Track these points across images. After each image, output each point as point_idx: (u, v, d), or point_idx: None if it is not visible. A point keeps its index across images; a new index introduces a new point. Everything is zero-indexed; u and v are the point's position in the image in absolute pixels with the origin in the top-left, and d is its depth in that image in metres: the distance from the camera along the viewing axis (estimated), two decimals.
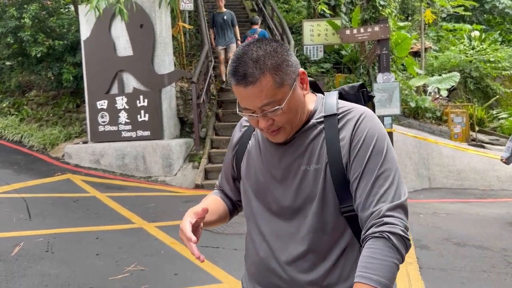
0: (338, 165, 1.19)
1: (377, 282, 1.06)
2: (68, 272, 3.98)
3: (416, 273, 4.21)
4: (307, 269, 1.23)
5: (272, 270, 1.27)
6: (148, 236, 5.03)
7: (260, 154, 1.32)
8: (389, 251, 1.10)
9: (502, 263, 4.49)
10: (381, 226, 1.12)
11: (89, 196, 6.55)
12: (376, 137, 1.19)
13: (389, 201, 1.14)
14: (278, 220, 1.27)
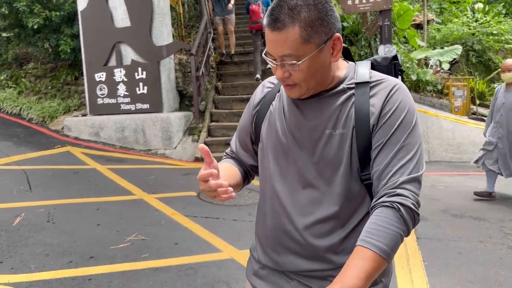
0: (365, 131, 1.18)
1: (378, 248, 1.06)
2: (69, 241, 4.03)
3: (414, 244, 4.27)
4: (324, 234, 1.22)
5: (288, 233, 1.25)
6: (149, 207, 5.07)
7: (283, 115, 1.29)
8: (396, 221, 1.09)
9: (498, 234, 4.54)
10: (393, 197, 1.11)
11: (89, 168, 6.57)
12: (406, 110, 1.18)
13: (406, 174, 1.13)
14: (297, 183, 1.25)
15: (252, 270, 1.40)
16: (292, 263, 1.26)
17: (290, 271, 1.28)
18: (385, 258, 1.06)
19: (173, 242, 4.12)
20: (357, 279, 1.03)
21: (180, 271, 3.57)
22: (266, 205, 1.33)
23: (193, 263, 3.72)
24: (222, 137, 8.16)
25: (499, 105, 5.62)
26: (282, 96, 1.33)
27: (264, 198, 1.34)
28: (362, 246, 1.07)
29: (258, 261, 1.37)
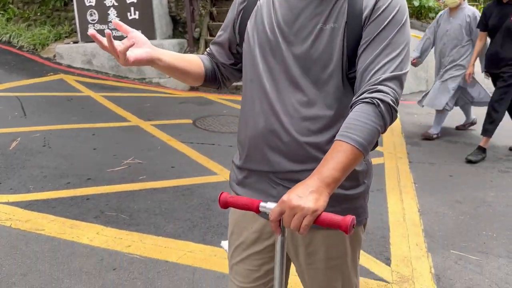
0: (356, 26, 1.16)
1: (355, 141, 1.06)
2: (66, 164, 4.07)
3: (406, 167, 4.34)
4: (311, 133, 1.21)
5: (275, 132, 1.23)
6: (145, 133, 5.09)
7: (273, 10, 1.24)
8: (375, 117, 1.10)
9: (491, 158, 4.62)
10: (373, 93, 1.11)
11: (83, 95, 6.50)
12: (398, 7, 1.16)
13: (389, 71, 1.12)
14: (286, 82, 1.22)
15: (236, 180, 1.39)
16: (278, 164, 1.25)
17: (276, 174, 1.27)
18: (361, 151, 1.07)
19: (170, 166, 4.18)
20: (334, 170, 1.04)
21: (177, 191, 3.65)
22: (252, 106, 1.29)
23: (189, 184, 3.79)
24: None
25: (441, 33, 5.05)
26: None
27: (250, 99, 1.30)
28: (340, 140, 1.07)
29: (241, 168, 1.36)
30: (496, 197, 3.71)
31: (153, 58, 1.19)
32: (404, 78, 1.16)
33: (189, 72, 1.33)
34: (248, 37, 1.29)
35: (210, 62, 1.42)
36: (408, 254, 2.83)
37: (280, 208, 1.03)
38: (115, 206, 3.34)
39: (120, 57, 1.14)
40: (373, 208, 3.45)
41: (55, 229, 2.98)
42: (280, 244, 1.14)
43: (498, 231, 3.15)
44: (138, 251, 2.77)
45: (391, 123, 1.14)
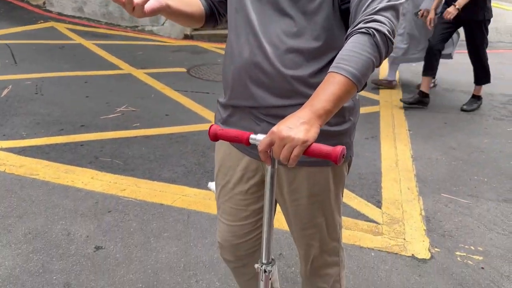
0: None
1: (348, 72, 1.03)
2: (59, 111, 4.03)
3: (401, 115, 4.33)
4: (296, 65, 1.18)
5: (257, 64, 1.20)
6: (138, 81, 5.01)
7: None
8: (370, 48, 1.05)
9: (486, 106, 4.60)
10: (369, 23, 1.07)
11: (75, 43, 6.35)
12: None
13: (385, 0, 1.08)
14: (272, 13, 1.18)
15: (221, 119, 1.37)
16: (262, 98, 1.22)
17: (259, 109, 1.25)
18: (355, 83, 1.04)
19: (164, 114, 4.15)
20: (326, 101, 1.01)
21: (171, 139, 3.64)
22: (237, 37, 1.25)
23: (184, 132, 3.78)
24: None
25: None
26: None
27: (234, 31, 1.26)
28: (333, 72, 1.04)
29: (225, 106, 1.34)
30: (489, 143, 3.73)
31: (163, 6, 1.17)
32: (400, 7, 1.12)
33: (193, 15, 1.32)
34: None
35: (206, 0, 1.39)
36: (399, 198, 2.87)
37: (270, 138, 1.01)
38: (109, 152, 3.34)
39: (136, 10, 1.11)
40: (367, 155, 3.47)
41: (50, 174, 2.99)
42: (270, 175, 1.13)
43: (489, 176, 3.19)
44: (133, 195, 2.80)
45: (387, 54, 1.10)
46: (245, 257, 1.52)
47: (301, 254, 1.49)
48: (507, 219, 2.67)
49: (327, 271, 1.49)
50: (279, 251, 2.34)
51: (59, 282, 2.05)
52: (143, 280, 2.08)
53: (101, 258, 2.23)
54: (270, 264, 1.21)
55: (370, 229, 2.54)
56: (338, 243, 1.46)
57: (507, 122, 4.19)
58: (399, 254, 2.34)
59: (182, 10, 1.27)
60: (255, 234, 1.47)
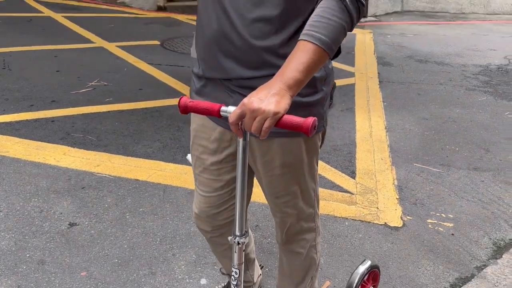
0: None
1: (318, 40, 1.02)
2: (28, 87, 3.91)
3: (376, 86, 4.36)
4: (264, 35, 1.15)
5: (228, 36, 1.18)
6: (110, 55, 4.89)
7: None
8: (340, 12, 1.04)
9: (459, 77, 4.67)
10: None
11: (44, 16, 6.12)
12: None
13: None
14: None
15: (195, 89, 1.35)
16: (233, 70, 1.21)
17: (231, 81, 1.23)
18: (325, 50, 1.02)
19: (137, 88, 4.07)
20: (297, 71, 1.00)
21: (145, 113, 3.59)
22: (205, 10, 1.22)
23: (158, 106, 3.73)
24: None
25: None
26: None
27: (203, 3, 1.23)
28: (303, 40, 1.03)
29: (199, 76, 1.32)
30: (461, 113, 3.80)
31: None
32: None
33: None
34: None
35: None
36: (372, 168, 2.92)
37: (240, 110, 1.00)
38: (81, 128, 3.27)
39: None
40: (341, 126, 3.50)
41: (20, 151, 2.92)
42: (241, 148, 1.12)
43: (460, 145, 3.27)
44: (107, 171, 2.76)
45: (358, 19, 1.08)
46: (222, 227, 1.52)
47: (277, 222, 1.50)
48: (476, 187, 2.75)
49: (303, 237, 1.51)
50: (256, 223, 2.37)
51: (33, 260, 2.03)
52: (119, 256, 2.08)
53: (76, 235, 2.21)
54: (244, 236, 1.21)
55: (344, 199, 2.58)
56: (313, 209, 1.48)
57: (479, 92, 4.27)
58: (372, 223, 2.39)
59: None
60: (231, 204, 1.47)
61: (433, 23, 7.56)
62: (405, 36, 6.36)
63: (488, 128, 3.54)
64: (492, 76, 4.69)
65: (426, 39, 6.18)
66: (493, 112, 3.82)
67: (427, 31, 6.83)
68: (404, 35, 6.42)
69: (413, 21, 7.65)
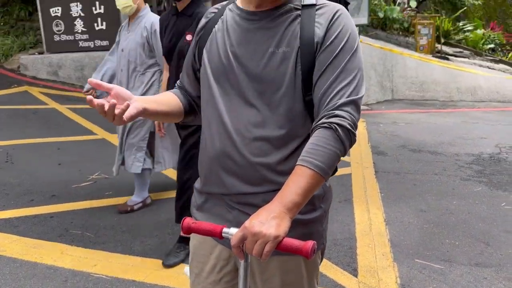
0: (309, 51, 1.19)
1: (315, 165, 1.09)
2: (29, 180, 3.96)
3: (372, 177, 4.43)
4: (264, 153, 1.23)
5: (229, 154, 1.25)
6: (111, 146, 5.00)
7: (226, 36, 1.28)
8: (334, 141, 1.12)
9: (453, 167, 4.77)
10: (331, 118, 1.14)
11: (49, 108, 6.35)
12: (349, 34, 1.20)
13: (345, 96, 1.16)
14: (240, 104, 1.24)
15: (196, 205, 1.40)
16: (233, 186, 1.26)
17: (231, 197, 1.28)
18: (321, 175, 1.09)
19: None
20: (295, 195, 1.06)
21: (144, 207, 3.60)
22: (208, 128, 1.31)
23: (157, 199, 3.75)
24: None
25: (119, 53, 3.36)
26: (225, 19, 1.31)
27: (207, 121, 1.32)
28: (301, 165, 1.10)
29: (200, 192, 1.37)
30: (458, 205, 3.83)
31: (140, 111, 1.19)
32: (360, 101, 1.20)
33: (171, 112, 1.35)
34: (204, 62, 1.31)
35: (185, 96, 1.43)
36: (374, 265, 2.88)
37: (242, 233, 1.04)
38: (80, 224, 3.27)
39: (116, 119, 1.13)
40: (341, 219, 3.50)
41: (17, 250, 2.89)
42: (243, 269, 1.14)
43: (460, 239, 3.25)
44: (104, 271, 2.71)
45: (350, 146, 1.17)
46: None
47: None
48: (480, 284, 2.70)
49: None
50: None
51: None
52: None
53: None
54: None
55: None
56: None
57: (474, 182, 4.34)
58: None
59: (160, 110, 1.30)
60: None
61: (424, 111, 7.86)
62: (397, 125, 6.58)
63: (486, 220, 3.55)
64: (485, 166, 4.79)
65: (418, 128, 6.39)
66: (490, 203, 3.86)
67: (418, 119, 7.09)
68: (396, 124, 6.65)
69: (404, 109, 7.96)
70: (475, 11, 14.11)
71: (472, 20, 13.10)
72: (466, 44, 11.54)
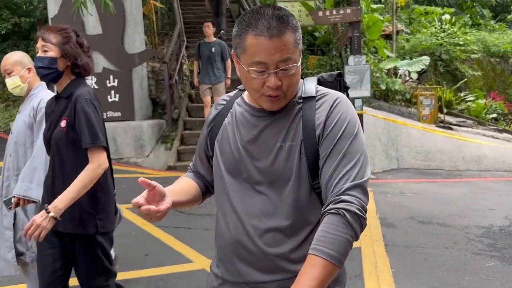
0: (312, 143, 1.25)
1: (327, 255, 1.11)
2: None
3: (382, 250, 4.36)
4: (276, 242, 1.26)
5: (243, 244, 1.28)
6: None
7: (236, 130, 1.35)
8: (343, 227, 1.15)
9: (463, 240, 4.69)
10: (338, 204, 1.17)
11: None
12: (348, 121, 1.26)
13: (350, 180, 1.19)
14: (251, 194, 1.30)
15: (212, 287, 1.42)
16: (248, 274, 1.29)
17: (247, 284, 1.30)
18: (335, 264, 1.11)
19: (144, 253, 4.09)
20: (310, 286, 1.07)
21: (150, 282, 3.55)
22: (222, 217, 1.37)
23: (163, 274, 3.70)
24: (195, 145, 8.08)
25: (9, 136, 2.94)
26: (234, 113, 1.39)
27: (220, 210, 1.38)
28: (313, 254, 1.12)
29: (216, 276, 1.40)
30: (471, 281, 3.73)
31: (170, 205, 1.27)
32: (366, 184, 1.23)
33: (193, 200, 1.46)
34: (216, 152, 1.39)
35: (201, 180, 1.52)
36: None
37: None
38: None
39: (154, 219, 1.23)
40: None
41: None
42: None
43: None
44: None
45: (361, 230, 1.19)
46: None
47: None
48: None
49: None
50: None
51: None
52: None
53: None
54: None
55: None
56: None
57: (485, 257, 4.26)
58: None
59: (184, 200, 1.40)
60: None
61: (430, 180, 7.87)
62: (405, 195, 6.57)
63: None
64: (496, 239, 4.72)
65: (426, 198, 6.37)
66: (503, 279, 3.76)
67: (425, 189, 7.08)
68: (403, 194, 6.64)
69: (410, 178, 7.98)
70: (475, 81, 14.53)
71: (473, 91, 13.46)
72: (469, 113, 11.77)
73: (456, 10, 18.72)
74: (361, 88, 7.88)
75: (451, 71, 13.77)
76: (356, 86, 7.88)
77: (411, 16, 17.33)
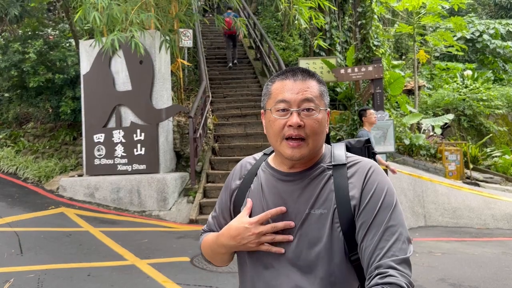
0: (347, 213, 1.21)
1: None
2: None
3: None
4: None
5: None
6: (140, 274, 4.96)
7: (262, 197, 1.32)
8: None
9: None
10: (385, 278, 1.13)
11: (82, 230, 6.48)
12: (385, 191, 1.23)
13: (395, 255, 1.16)
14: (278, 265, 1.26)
15: None
16: None
17: None
18: None
19: None
20: None
21: None
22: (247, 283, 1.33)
23: None
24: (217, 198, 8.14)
25: None
26: (260, 178, 1.37)
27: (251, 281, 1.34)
28: None
29: None
30: None
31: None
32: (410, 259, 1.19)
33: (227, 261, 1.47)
34: None
35: None
36: None
37: None
38: None
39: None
40: None
41: None
42: None
43: None
44: None
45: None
46: None
47: None
48: None
49: None
50: None
51: None
52: None
53: None
54: None
55: None
56: None
57: None
58: None
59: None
60: None
61: (459, 239, 7.59)
62: (434, 255, 6.33)
63: None
64: None
65: (456, 259, 6.11)
66: None
67: (454, 248, 6.81)
68: (432, 254, 6.39)
69: (438, 237, 7.71)
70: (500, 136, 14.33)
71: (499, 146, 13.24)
72: (496, 169, 11.51)
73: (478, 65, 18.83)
74: (385, 143, 7.85)
75: (476, 126, 13.66)
76: (379, 141, 7.86)
77: (432, 71, 17.49)
